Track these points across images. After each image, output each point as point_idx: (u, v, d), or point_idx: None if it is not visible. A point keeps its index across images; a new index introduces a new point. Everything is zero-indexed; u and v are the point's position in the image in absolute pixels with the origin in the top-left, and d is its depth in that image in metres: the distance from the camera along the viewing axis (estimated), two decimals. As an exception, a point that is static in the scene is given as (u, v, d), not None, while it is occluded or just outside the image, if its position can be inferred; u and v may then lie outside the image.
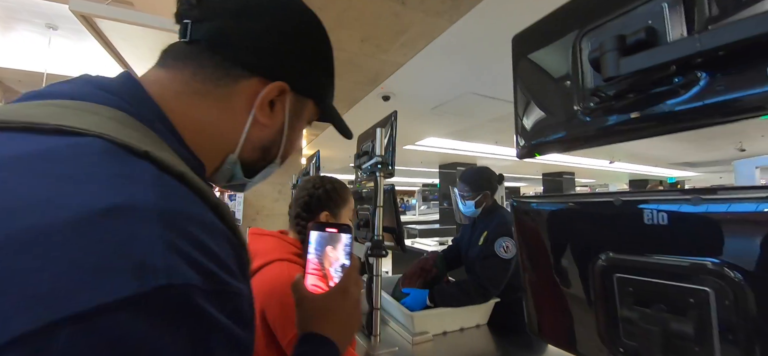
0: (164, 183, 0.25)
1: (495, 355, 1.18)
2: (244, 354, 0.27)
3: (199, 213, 0.26)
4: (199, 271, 0.23)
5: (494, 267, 1.35)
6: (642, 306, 0.42)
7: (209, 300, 0.23)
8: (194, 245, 0.24)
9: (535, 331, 0.62)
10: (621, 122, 0.47)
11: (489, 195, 1.54)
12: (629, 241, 0.44)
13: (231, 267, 0.26)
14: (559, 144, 0.58)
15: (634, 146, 6.27)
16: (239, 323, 0.26)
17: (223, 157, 0.38)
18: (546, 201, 0.57)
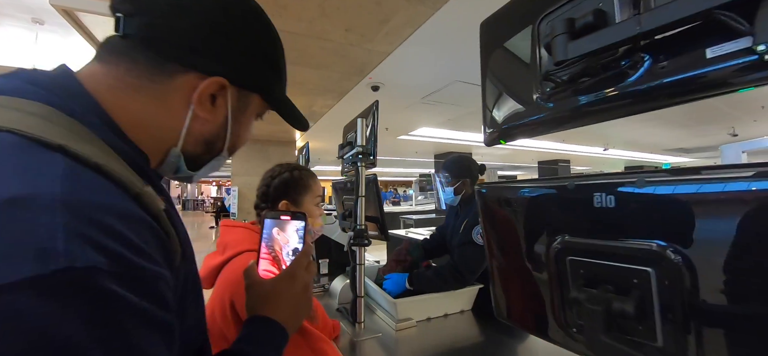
0: (75, 174, 0.26)
1: (478, 340, 1.20)
2: (166, 335, 0.28)
3: (112, 202, 0.27)
4: (106, 255, 0.24)
5: (470, 253, 1.36)
6: (590, 287, 0.43)
7: (118, 282, 0.24)
8: (103, 231, 0.25)
9: (502, 315, 0.64)
10: (576, 106, 0.47)
11: (468, 183, 1.55)
12: (582, 224, 0.45)
13: (147, 252, 0.27)
14: (522, 130, 0.58)
15: (629, 132, 6.29)
16: (159, 305, 0.27)
17: (165, 149, 0.38)
18: (508, 186, 0.57)
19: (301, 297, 0.48)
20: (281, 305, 0.46)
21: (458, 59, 2.33)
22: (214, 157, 0.43)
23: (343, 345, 1.13)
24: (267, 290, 0.47)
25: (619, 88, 0.43)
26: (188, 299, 0.35)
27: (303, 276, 0.49)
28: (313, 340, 0.66)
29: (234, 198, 5.93)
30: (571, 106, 0.48)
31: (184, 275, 0.34)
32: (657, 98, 0.41)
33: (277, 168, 0.87)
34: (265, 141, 5.72)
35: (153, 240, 0.29)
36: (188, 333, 0.36)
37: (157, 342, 0.27)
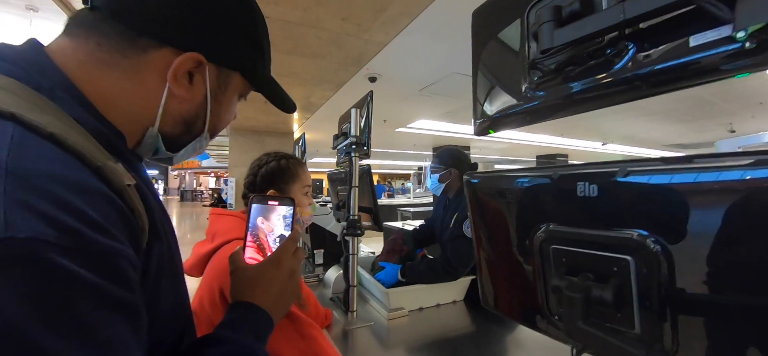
0: (25, 142, 0.25)
1: (469, 330, 1.21)
2: (130, 315, 0.26)
3: (66, 172, 0.26)
4: (55, 227, 0.23)
5: (461, 247, 1.37)
6: (573, 275, 0.43)
7: (69, 257, 0.23)
8: (53, 202, 0.23)
9: (489, 305, 0.64)
10: (562, 96, 0.47)
11: (455, 175, 1.55)
12: (565, 214, 0.45)
13: (105, 227, 0.26)
14: (511, 120, 0.58)
15: (627, 127, 6.29)
16: (119, 283, 0.26)
17: (142, 129, 0.37)
18: (494, 176, 0.57)
19: (287, 283, 0.47)
20: (266, 291, 0.45)
21: (455, 51, 2.31)
22: (195, 139, 0.41)
23: (335, 334, 1.14)
24: (251, 275, 0.46)
25: (604, 76, 0.43)
26: (162, 281, 0.34)
27: (289, 262, 0.48)
28: (303, 326, 0.67)
29: (231, 189, 5.93)
30: (557, 95, 0.48)
31: (157, 255, 0.33)
32: (642, 86, 0.41)
33: (264, 157, 0.86)
34: (263, 132, 5.69)
35: (114, 215, 0.27)
36: (165, 317, 0.35)
37: (117, 322, 0.25)
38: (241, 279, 0.46)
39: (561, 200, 0.46)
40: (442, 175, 1.56)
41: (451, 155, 1.59)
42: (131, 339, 0.26)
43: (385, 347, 1.08)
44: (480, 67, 0.66)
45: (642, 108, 4.82)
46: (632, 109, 4.92)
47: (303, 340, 0.65)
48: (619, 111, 5.08)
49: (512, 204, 0.55)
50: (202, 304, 0.67)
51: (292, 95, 0.49)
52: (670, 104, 4.70)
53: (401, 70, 2.63)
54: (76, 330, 0.23)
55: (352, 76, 2.50)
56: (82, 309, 0.23)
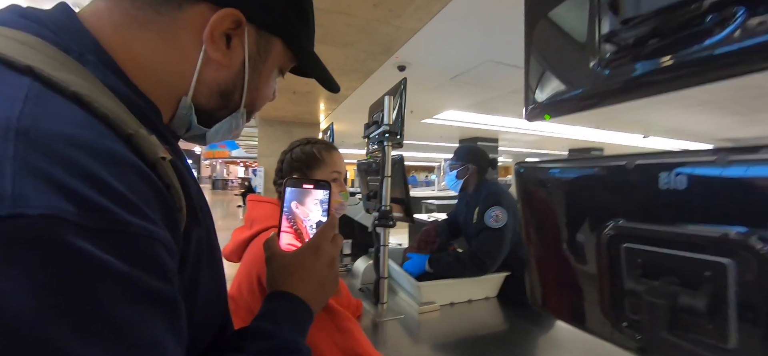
0: (43, 101, 0.21)
1: (502, 328, 1.17)
2: (164, 310, 0.23)
3: (92, 139, 0.22)
4: (77, 203, 0.19)
5: (487, 238, 1.33)
6: (650, 278, 0.38)
7: (92, 240, 0.19)
8: (74, 172, 0.20)
9: (537, 303, 0.60)
10: (642, 73, 0.41)
11: (473, 170, 1.51)
12: (641, 208, 0.40)
13: (137, 205, 0.22)
14: (572, 103, 0.52)
15: (672, 119, 5.83)
16: (152, 272, 0.22)
17: (176, 100, 0.34)
18: (553, 165, 0.52)
19: (327, 272, 0.44)
20: (305, 280, 0.42)
21: (491, 37, 2.20)
22: (231, 114, 0.38)
23: (365, 325, 1.13)
24: (288, 263, 0.43)
25: (695, 50, 0.37)
26: (202, 268, 0.31)
27: (329, 249, 0.44)
28: (340, 319, 0.65)
29: (260, 179, 6.11)
30: (632, 74, 0.42)
31: (196, 240, 0.30)
32: (746, 62, 0.35)
33: (294, 143, 0.85)
34: (290, 122, 5.80)
35: (147, 192, 0.24)
36: (207, 307, 0.32)
37: (152, 319, 0.22)
38: (277, 266, 0.43)
39: (637, 193, 0.40)
40: (460, 170, 1.54)
41: (468, 151, 1.57)
42: (168, 338, 0.23)
43: (415, 341, 1.06)
44: (533, 48, 0.60)
45: (691, 97, 4.45)
46: (680, 99, 4.55)
47: (339, 333, 0.64)
48: (665, 101, 4.72)
49: (571, 197, 0.50)
50: (240, 290, 0.67)
51: (319, 86, 0.46)
52: (723, 93, 4.30)
53: (432, 58, 2.55)
54: (103, 331, 0.19)
55: (380, 65, 2.46)
56: (109, 304, 0.20)
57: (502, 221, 1.32)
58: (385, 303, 1.21)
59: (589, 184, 0.47)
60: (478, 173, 1.52)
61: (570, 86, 0.53)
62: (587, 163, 0.47)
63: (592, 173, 0.47)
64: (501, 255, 1.32)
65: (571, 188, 0.49)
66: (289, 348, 0.37)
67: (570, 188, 0.49)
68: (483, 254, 1.31)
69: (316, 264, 0.43)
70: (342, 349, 0.63)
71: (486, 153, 1.58)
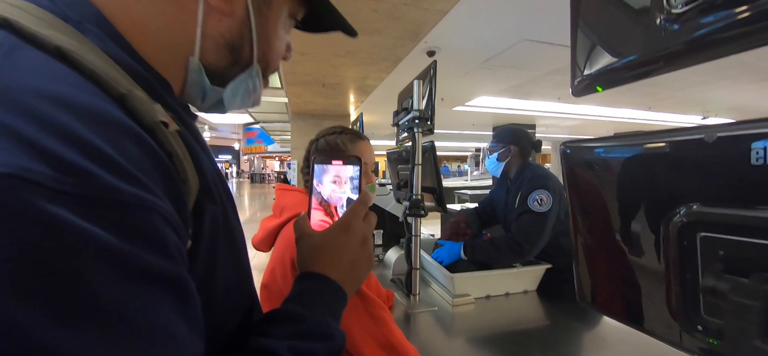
0: (18, 53, 0.19)
1: (542, 324, 1.09)
2: (166, 288, 0.20)
3: (75, 95, 0.19)
4: (50, 163, 0.16)
5: (527, 222, 1.25)
6: (736, 274, 0.32)
7: (69, 205, 0.16)
8: (50, 130, 0.17)
9: (586, 299, 0.54)
10: (722, 26, 0.34)
11: (515, 152, 1.42)
12: (724, 190, 0.33)
13: (128, 170, 0.19)
14: (630, 69, 0.45)
15: (736, 96, 5.17)
16: (147, 245, 0.19)
17: (184, 64, 0.31)
18: (609, 144, 0.46)
19: (359, 251, 0.40)
20: (336, 260, 0.39)
21: (526, 14, 2.05)
22: (244, 70, 0.35)
23: (397, 316, 1.11)
24: (318, 242, 0.39)
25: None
26: (220, 250, 0.29)
27: (361, 228, 0.40)
28: (373, 306, 0.63)
29: (293, 171, 6.29)
30: (713, 27, 0.35)
31: (210, 219, 0.28)
32: None
33: (321, 132, 0.83)
34: (321, 115, 5.90)
35: (142, 158, 0.21)
36: (228, 292, 0.31)
37: (154, 300, 0.19)
38: (307, 246, 0.40)
39: (719, 171, 0.34)
40: (502, 153, 1.44)
41: (510, 132, 1.47)
42: (180, 324, 0.20)
43: (449, 334, 1.03)
44: (581, 13, 0.53)
45: (760, 70, 3.91)
46: (747, 72, 4.02)
47: (372, 321, 0.62)
48: (727, 76, 4.19)
49: (629, 180, 0.44)
50: (274, 276, 0.67)
51: (348, 76, 0.43)
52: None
53: (462, 41, 2.44)
54: (90, 318, 0.16)
55: (409, 51, 2.40)
56: (98, 284, 0.16)
57: (547, 205, 1.23)
58: (417, 295, 1.18)
59: (653, 164, 0.40)
60: (521, 155, 1.43)
61: (625, 52, 0.45)
62: (650, 139, 0.41)
63: (657, 151, 0.40)
64: (541, 241, 1.24)
65: (629, 169, 0.43)
66: (319, 332, 0.34)
67: (628, 169, 0.43)
68: (521, 238, 1.24)
69: (348, 243, 0.40)
70: (375, 338, 0.61)
71: (529, 134, 1.47)
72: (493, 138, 1.50)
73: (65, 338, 0.15)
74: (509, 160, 1.43)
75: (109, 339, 0.17)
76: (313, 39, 2.30)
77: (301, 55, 2.73)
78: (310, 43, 2.46)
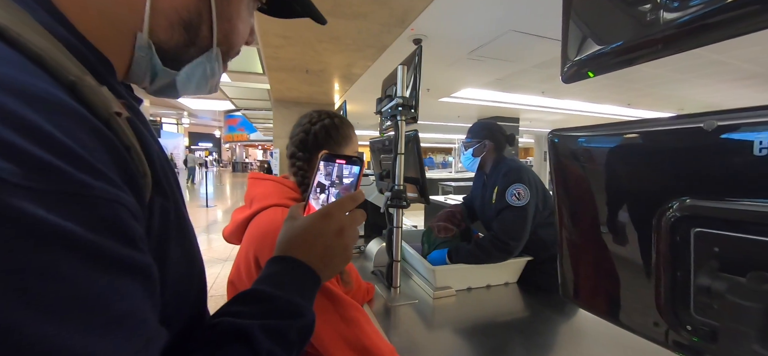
0: None
1: (522, 315, 1.09)
2: (137, 276, 0.20)
3: (26, 81, 0.18)
4: (18, 162, 0.16)
5: (508, 218, 1.23)
6: (733, 273, 0.30)
7: (43, 203, 0.16)
8: (7, 122, 0.16)
9: (569, 295, 0.52)
10: (719, 6, 0.31)
11: (490, 147, 1.41)
12: (721, 183, 0.31)
13: (93, 164, 0.19)
14: (621, 54, 0.42)
15: (711, 94, 5.38)
16: (118, 237, 0.19)
17: (130, 39, 0.28)
18: (599, 133, 0.43)
19: (334, 240, 0.40)
20: (309, 245, 0.38)
21: (514, 3, 2.03)
22: (203, 53, 0.32)
23: (377, 309, 1.08)
24: (296, 226, 0.40)
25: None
26: (171, 244, 0.27)
27: (339, 217, 0.40)
28: (345, 308, 0.59)
29: (276, 161, 6.16)
30: (714, 6, 0.32)
31: (160, 214, 0.26)
32: None
33: (315, 113, 0.77)
34: (305, 103, 5.76)
35: (102, 151, 0.20)
36: (179, 287, 0.28)
37: (128, 289, 0.19)
38: (287, 229, 0.40)
39: (717, 162, 0.31)
40: (476, 148, 1.43)
41: (484, 126, 1.46)
42: (147, 309, 0.21)
43: (429, 327, 1.01)
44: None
45: (736, 70, 4.06)
46: (723, 71, 4.17)
47: (344, 323, 0.58)
48: (704, 74, 4.33)
49: (619, 171, 0.41)
50: (239, 273, 0.62)
51: (332, 63, 0.41)
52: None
53: (450, 29, 2.40)
54: (70, 308, 0.16)
55: (395, 38, 2.34)
56: (76, 277, 0.17)
57: (524, 199, 1.22)
58: (397, 288, 1.15)
59: (645, 155, 0.38)
60: (496, 150, 1.42)
61: (618, 35, 0.43)
62: (643, 127, 0.38)
63: (651, 140, 0.37)
64: (525, 235, 1.23)
65: (620, 159, 0.40)
66: (289, 311, 0.34)
67: (620, 159, 0.40)
68: (506, 236, 1.22)
69: (324, 229, 0.40)
70: (346, 340, 0.57)
71: (502, 128, 1.47)
72: (468, 133, 1.49)
73: (47, 330, 0.16)
74: (484, 154, 1.42)
75: (89, 327, 0.17)
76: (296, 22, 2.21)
77: (284, 38, 2.62)
78: (293, 27, 2.37)
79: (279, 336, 0.31)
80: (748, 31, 0.32)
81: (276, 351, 0.31)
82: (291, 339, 0.32)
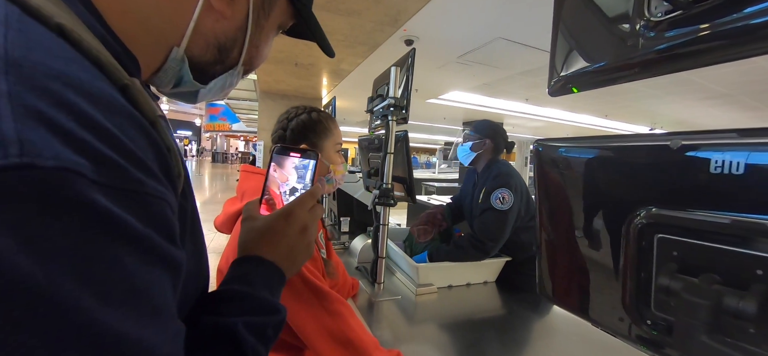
0: (26, 28, 0.18)
1: (499, 312, 1.14)
2: (174, 275, 0.22)
3: (89, 81, 0.19)
4: (89, 156, 0.17)
5: (489, 219, 1.28)
6: (688, 274, 0.34)
7: (111, 197, 0.17)
8: (77, 119, 0.17)
9: (546, 293, 0.56)
10: (688, 40, 0.35)
11: (489, 147, 1.45)
12: (682, 195, 0.35)
13: (145, 163, 0.20)
14: (603, 74, 0.46)
15: (681, 111, 5.70)
16: (163, 233, 0.21)
17: (165, 50, 0.30)
18: (579, 145, 0.47)
19: (297, 239, 0.41)
20: (274, 245, 0.39)
21: (505, 12, 2.09)
22: (228, 71, 0.35)
23: (360, 304, 1.10)
24: (259, 226, 0.40)
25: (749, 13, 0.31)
26: (186, 241, 0.28)
27: (302, 216, 0.41)
28: (330, 302, 0.61)
29: (259, 153, 6.05)
30: (686, 38, 0.36)
31: (181, 209, 0.27)
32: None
33: (292, 109, 0.79)
34: (292, 96, 5.68)
35: (151, 151, 0.21)
36: (188, 281, 0.29)
37: (166, 281, 0.21)
38: (249, 229, 0.41)
39: (679, 177, 0.35)
40: (476, 143, 1.46)
41: (489, 126, 1.49)
42: (173, 302, 0.23)
43: (411, 322, 1.04)
44: (562, 17, 0.53)
45: (705, 89, 4.32)
46: (691, 90, 4.42)
47: (329, 316, 0.60)
48: (675, 92, 4.59)
49: (596, 180, 0.45)
50: (228, 263, 0.63)
51: (322, 58, 0.44)
52: (738, 87, 4.17)
53: (441, 33, 2.44)
54: (127, 298, 0.18)
55: (387, 37, 2.36)
56: (132, 269, 0.18)
57: (508, 204, 1.27)
58: (381, 284, 1.18)
59: (620, 167, 0.42)
60: (493, 151, 1.46)
61: (602, 57, 0.47)
62: (618, 143, 0.42)
63: (624, 154, 0.41)
64: (502, 238, 1.28)
65: (597, 170, 0.44)
66: (266, 307, 0.35)
67: (596, 170, 0.44)
68: (484, 236, 1.27)
69: (288, 229, 0.41)
70: (331, 333, 0.59)
71: (505, 132, 1.51)
72: (472, 127, 1.51)
73: (109, 314, 0.17)
74: (481, 152, 1.45)
75: (140, 316, 0.19)
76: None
77: (274, 29, 2.59)
78: (284, 18, 2.34)
79: (259, 333, 0.33)
80: (716, 62, 0.36)
81: (258, 348, 0.32)
82: (268, 335, 0.34)
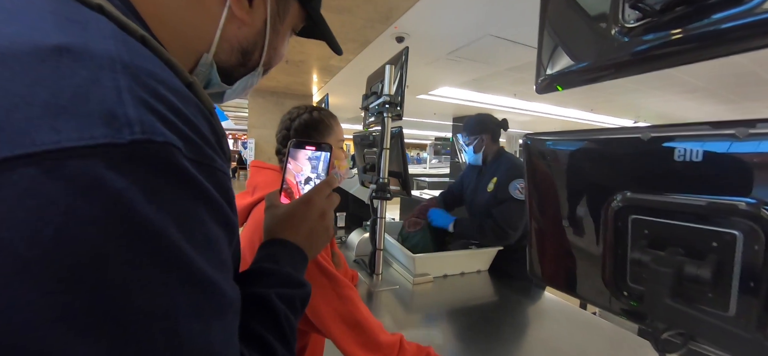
0: (126, 39, 0.22)
1: (492, 299, 1.20)
2: (233, 235, 0.26)
3: (172, 81, 0.23)
4: (180, 136, 0.21)
5: (511, 209, 1.34)
6: (656, 248, 0.39)
7: (195, 168, 0.22)
8: (169, 109, 0.21)
9: (536, 274, 0.61)
10: (662, 43, 0.40)
11: (487, 140, 1.50)
12: (652, 180, 0.40)
13: (213, 143, 0.25)
14: (586, 73, 0.51)
15: (663, 105, 5.90)
16: (227, 201, 0.25)
17: (196, 56, 0.34)
18: (564, 138, 0.52)
19: (317, 222, 0.45)
20: (296, 228, 0.43)
21: (494, 10, 2.14)
22: (250, 72, 0.39)
23: (360, 294, 1.14)
24: (282, 212, 0.44)
25: (731, 16, 0.35)
26: None
27: (320, 203, 0.45)
28: (340, 287, 0.65)
29: (251, 151, 6.00)
30: (656, 43, 0.41)
31: None
32: (763, 35, 0.34)
33: (294, 110, 0.82)
34: (281, 93, 5.64)
35: (212, 134, 0.26)
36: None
37: (225, 243, 0.25)
38: (272, 215, 0.45)
39: (649, 164, 0.40)
40: (476, 144, 1.52)
41: (478, 122, 1.55)
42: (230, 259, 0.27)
43: (408, 310, 1.09)
44: (548, 18, 0.58)
45: (684, 83, 4.48)
46: (672, 85, 4.58)
47: (340, 300, 0.65)
48: (657, 87, 4.75)
49: (579, 170, 0.50)
50: (243, 256, 0.66)
51: (313, 55, 0.47)
52: (715, 82, 4.34)
53: (432, 30, 2.48)
54: (207, 247, 0.23)
55: (378, 34, 2.39)
56: (210, 225, 0.23)
57: (525, 194, 1.34)
58: (380, 274, 1.23)
59: (599, 157, 0.47)
60: (493, 140, 1.52)
61: (584, 57, 0.51)
62: (598, 135, 0.47)
63: (603, 145, 0.46)
64: (522, 227, 1.36)
65: (580, 161, 0.49)
66: (294, 281, 0.39)
67: (579, 161, 0.49)
68: (507, 225, 1.34)
69: (307, 214, 0.45)
70: (341, 315, 0.64)
71: (493, 117, 1.56)
72: (464, 131, 1.56)
73: (200, 260, 0.21)
74: (484, 148, 1.51)
75: (217, 266, 0.23)
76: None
77: (265, 26, 2.58)
78: (275, 15, 2.34)
79: (290, 303, 0.36)
80: (689, 62, 0.41)
81: (289, 316, 0.36)
82: (296, 305, 0.37)
